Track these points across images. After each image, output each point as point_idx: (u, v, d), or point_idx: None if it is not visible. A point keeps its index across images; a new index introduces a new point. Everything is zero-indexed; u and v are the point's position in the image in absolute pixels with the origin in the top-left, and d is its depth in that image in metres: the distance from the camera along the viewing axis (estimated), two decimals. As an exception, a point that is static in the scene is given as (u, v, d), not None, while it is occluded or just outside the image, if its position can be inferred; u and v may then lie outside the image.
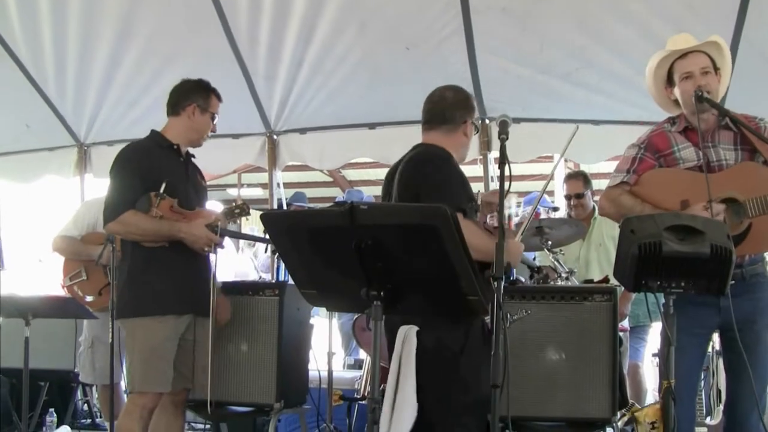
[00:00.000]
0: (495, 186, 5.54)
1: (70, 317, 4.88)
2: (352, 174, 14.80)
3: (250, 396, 4.04)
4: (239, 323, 4.05)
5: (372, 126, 6.04)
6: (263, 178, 6.69)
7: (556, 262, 4.46)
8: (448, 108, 3.14)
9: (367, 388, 4.30)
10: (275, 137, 6.29)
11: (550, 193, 7.43)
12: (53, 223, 5.42)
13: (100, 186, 5.78)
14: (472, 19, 5.11)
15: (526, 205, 6.33)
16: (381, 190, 3.26)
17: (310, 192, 9.44)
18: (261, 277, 6.45)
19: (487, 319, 2.75)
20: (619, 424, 3.63)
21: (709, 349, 4.08)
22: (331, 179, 15.21)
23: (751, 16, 4.60)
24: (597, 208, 4.91)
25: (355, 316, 4.73)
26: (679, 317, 2.78)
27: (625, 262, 2.75)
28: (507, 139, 2.72)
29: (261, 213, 2.61)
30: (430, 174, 2.96)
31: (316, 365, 4.41)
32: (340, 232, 2.32)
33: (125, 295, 3.57)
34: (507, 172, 2.62)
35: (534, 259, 5.13)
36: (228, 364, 4.01)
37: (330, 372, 4.45)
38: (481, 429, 2.82)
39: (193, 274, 3.59)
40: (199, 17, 5.45)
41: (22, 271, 7.27)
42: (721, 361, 3.60)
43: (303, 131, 6.23)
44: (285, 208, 6.64)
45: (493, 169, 5.80)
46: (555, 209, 6.02)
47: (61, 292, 4.63)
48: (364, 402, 4.51)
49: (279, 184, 6.47)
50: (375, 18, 5.33)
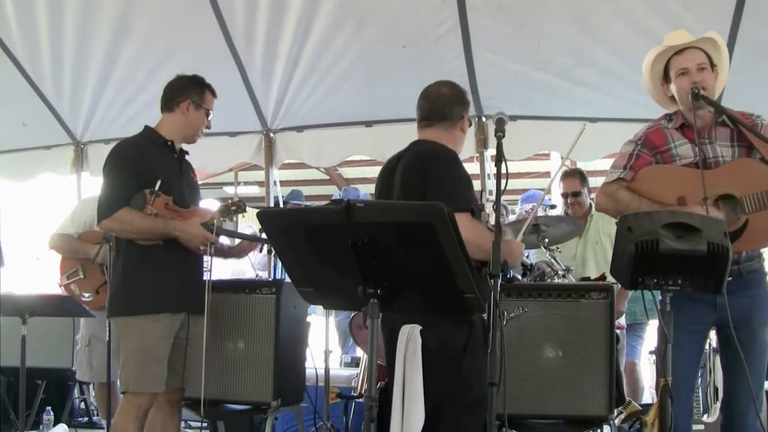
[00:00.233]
0: (492, 183, 5.53)
1: (68, 315, 4.87)
2: (348, 172, 14.78)
3: (247, 394, 4.02)
4: (236, 321, 4.04)
5: (369, 123, 6.04)
6: (260, 176, 6.67)
7: (552, 260, 4.46)
8: (447, 104, 3.13)
9: (364, 386, 4.31)
10: (272, 135, 6.29)
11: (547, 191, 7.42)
12: (50, 221, 5.41)
13: (97, 184, 5.75)
14: (469, 16, 5.11)
15: (523, 202, 6.35)
16: (374, 187, 3.25)
17: (306, 190, 9.44)
18: (258, 275, 6.45)
19: (485, 317, 2.75)
20: (616, 421, 3.62)
21: (707, 346, 4.08)
22: (327, 177, 15.19)
23: (747, 13, 4.61)
24: (594, 204, 4.91)
25: (352, 314, 4.72)
26: (676, 314, 2.78)
27: (622, 259, 2.75)
28: (503, 136, 2.73)
29: (258, 211, 2.59)
30: (442, 173, 2.93)
31: (313, 363, 4.41)
32: (336, 229, 2.32)
33: (118, 292, 3.53)
34: (504, 170, 2.62)
35: (527, 257, 5.12)
36: (225, 362, 4.00)
37: (327, 370, 4.46)
38: (482, 428, 2.81)
39: (188, 272, 3.57)
40: (195, 15, 5.44)
41: (19, 270, 7.24)
42: (718, 358, 3.60)
43: (300, 129, 6.23)
44: (282, 206, 6.64)
45: (490, 167, 5.79)
46: (552, 207, 6.02)
47: (59, 291, 4.63)
48: (361, 400, 4.50)
49: (276, 182, 6.47)
50: (372, 15, 5.32)
